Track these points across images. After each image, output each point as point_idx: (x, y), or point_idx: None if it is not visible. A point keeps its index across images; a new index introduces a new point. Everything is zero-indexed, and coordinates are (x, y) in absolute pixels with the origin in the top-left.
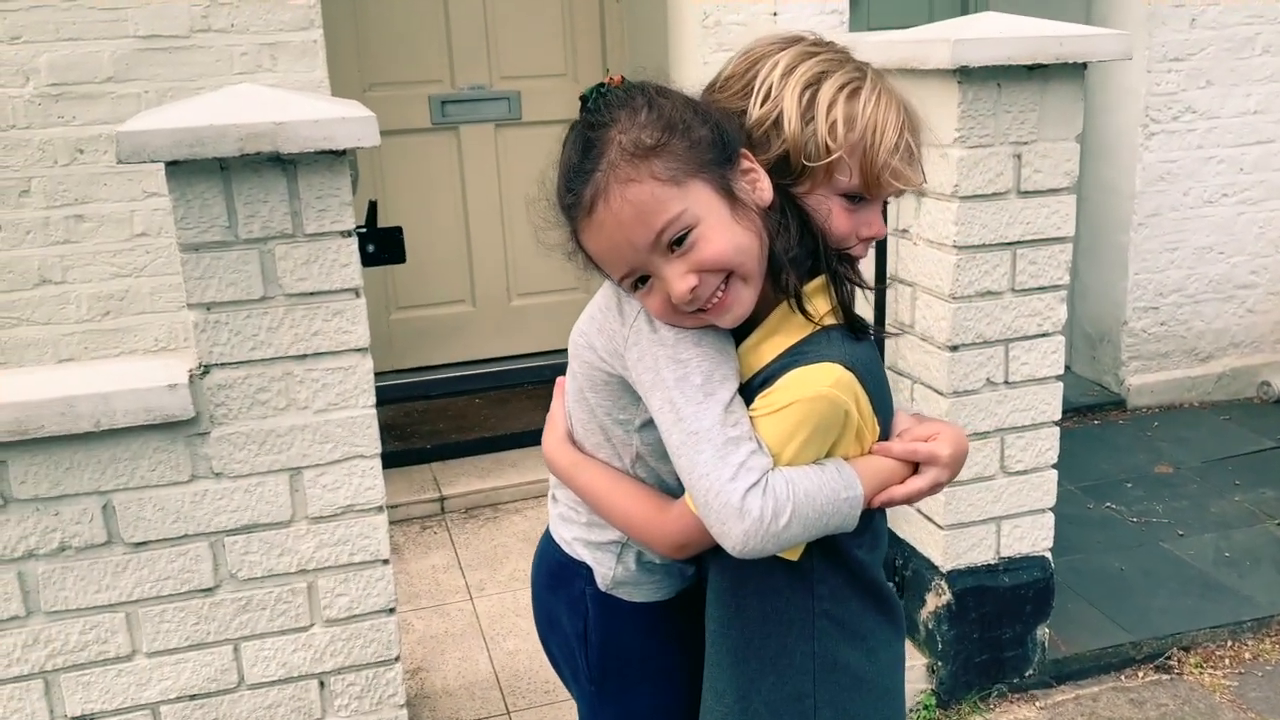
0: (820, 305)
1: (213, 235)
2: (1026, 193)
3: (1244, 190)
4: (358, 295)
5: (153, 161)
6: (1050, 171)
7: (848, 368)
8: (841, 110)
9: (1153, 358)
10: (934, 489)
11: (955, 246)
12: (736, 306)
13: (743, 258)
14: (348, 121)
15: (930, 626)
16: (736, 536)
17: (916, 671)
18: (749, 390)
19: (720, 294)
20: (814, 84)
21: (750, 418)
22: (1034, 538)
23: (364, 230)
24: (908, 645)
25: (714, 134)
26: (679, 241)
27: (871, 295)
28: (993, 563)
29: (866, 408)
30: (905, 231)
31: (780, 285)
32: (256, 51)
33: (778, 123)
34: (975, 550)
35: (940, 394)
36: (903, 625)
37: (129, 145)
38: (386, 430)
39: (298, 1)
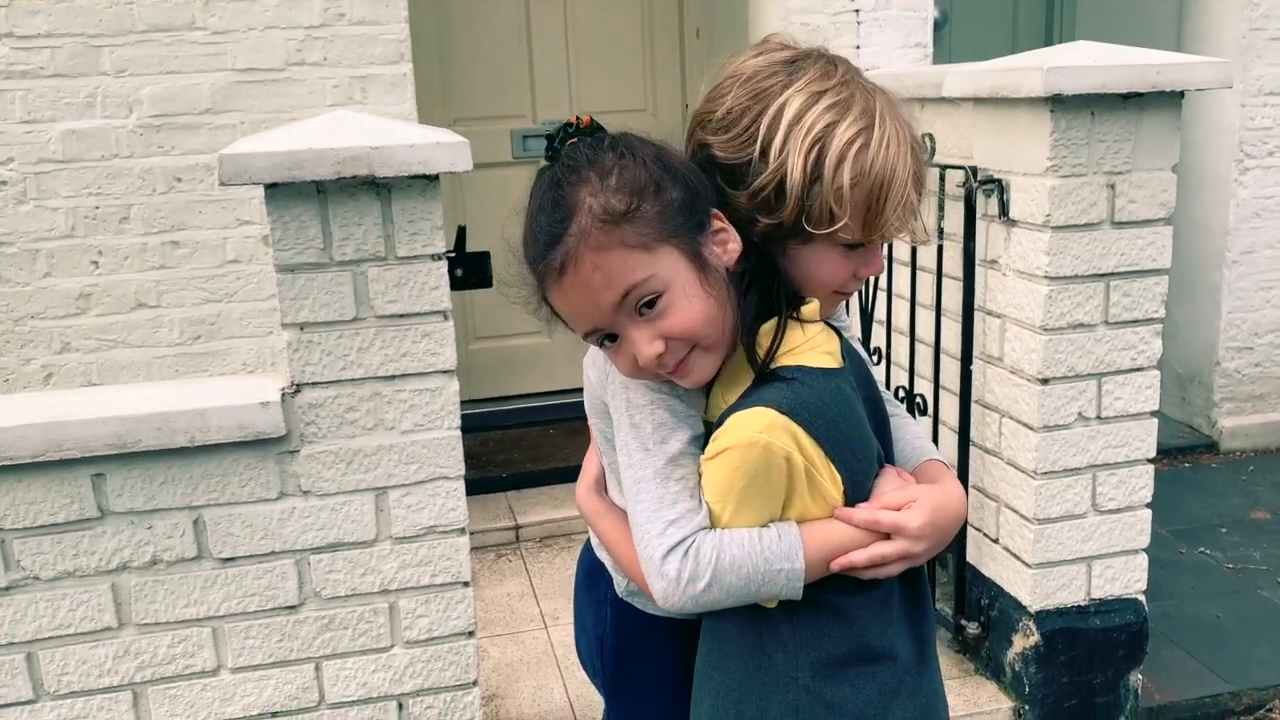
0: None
1: (308, 257)
2: (1121, 223)
3: None
4: (446, 318)
5: (253, 184)
6: (1145, 202)
7: (782, 411)
8: (849, 171)
9: (1247, 399)
10: (903, 559)
11: (1047, 277)
12: (697, 372)
13: (709, 329)
14: (442, 146)
15: (1017, 669)
16: (656, 592)
17: (1002, 715)
18: (710, 435)
19: (681, 361)
20: (820, 140)
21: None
22: (1126, 579)
23: (453, 255)
24: (993, 688)
25: (686, 194)
26: (648, 304)
27: (958, 324)
28: (1083, 604)
29: (815, 453)
30: (994, 262)
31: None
32: (348, 84)
33: (781, 185)
34: (1065, 590)
35: (1030, 428)
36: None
37: (231, 168)
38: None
39: (389, 36)
